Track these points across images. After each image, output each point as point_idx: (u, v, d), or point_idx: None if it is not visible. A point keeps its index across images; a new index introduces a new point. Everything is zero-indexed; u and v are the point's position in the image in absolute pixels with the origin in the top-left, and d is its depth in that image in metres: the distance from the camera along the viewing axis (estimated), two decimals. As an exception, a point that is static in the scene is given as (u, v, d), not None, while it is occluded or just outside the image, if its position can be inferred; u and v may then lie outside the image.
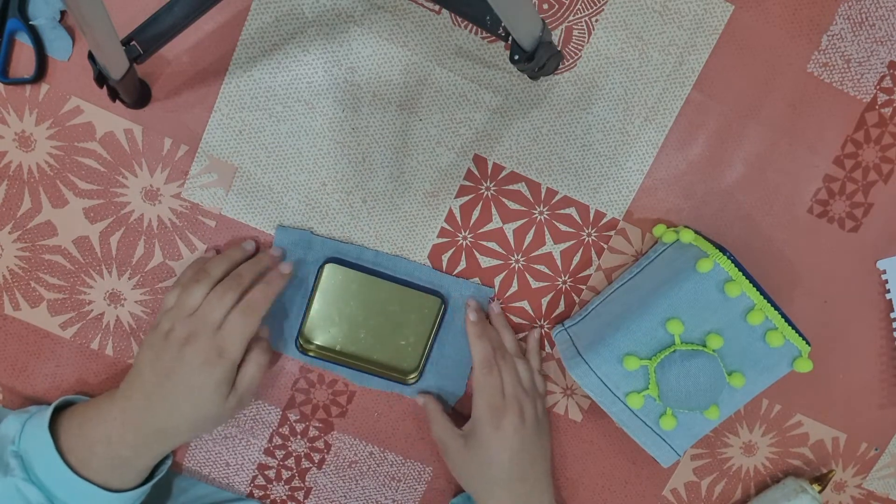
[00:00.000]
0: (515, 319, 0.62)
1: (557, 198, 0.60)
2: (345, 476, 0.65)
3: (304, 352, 0.60)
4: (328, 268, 0.59)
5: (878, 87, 0.59)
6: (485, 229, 0.61)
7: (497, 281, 0.62)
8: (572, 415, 0.65)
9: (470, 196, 0.60)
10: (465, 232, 0.61)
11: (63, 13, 0.55)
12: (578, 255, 0.61)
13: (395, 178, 0.59)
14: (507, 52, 0.55)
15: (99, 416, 0.53)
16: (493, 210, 0.60)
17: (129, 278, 0.60)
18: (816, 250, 0.62)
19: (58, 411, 0.55)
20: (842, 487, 0.68)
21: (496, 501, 0.56)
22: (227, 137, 0.58)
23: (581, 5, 0.57)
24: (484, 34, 0.57)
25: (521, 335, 0.63)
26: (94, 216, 0.59)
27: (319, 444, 0.64)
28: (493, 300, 0.62)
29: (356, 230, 0.60)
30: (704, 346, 0.55)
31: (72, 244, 0.60)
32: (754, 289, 0.54)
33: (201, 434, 0.62)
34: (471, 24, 0.56)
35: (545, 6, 0.57)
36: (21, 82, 0.56)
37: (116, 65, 0.47)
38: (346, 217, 0.60)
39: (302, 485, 0.65)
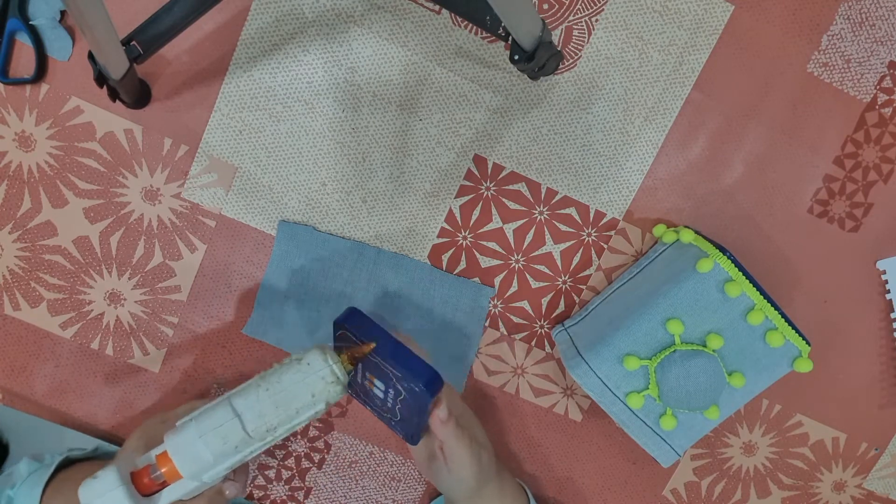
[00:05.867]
0: (515, 319, 0.62)
1: (557, 198, 0.60)
2: (345, 476, 0.65)
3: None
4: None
5: (878, 87, 0.59)
6: (485, 229, 0.61)
7: (497, 281, 0.61)
8: (572, 415, 0.65)
9: (470, 196, 0.60)
10: (465, 232, 0.61)
11: (63, 13, 0.55)
12: (578, 255, 0.61)
13: (395, 178, 0.59)
14: (507, 52, 0.55)
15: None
16: (493, 210, 0.60)
17: (129, 278, 0.60)
18: (816, 250, 0.62)
19: (67, 465, 0.57)
20: (842, 487, 0.68)
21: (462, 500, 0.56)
22: (227, 137, 0.58)
23: (581, 5, 0.57)
24: (484, 34, 0.57)
25: (521, 335, 0.63)
26: (94, 216, 0.59)
27: (319, 444, 0.64)
28: (493, 300, 0.62)
29: (356, 230, 0.60)
30: (704, 346, 0.55)
31: (72, 244, 0.60)
32: (754, 289, 0.54)
33: None
34: (471, 24, 0.56)
35: (545, 6, 0.57)
36: (21, 82, 0.56)
37: (116, 65, 0.47)
38: (346, 217, 0.60)
39: (302, 485, 0.65)
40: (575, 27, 0.57)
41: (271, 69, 0.57)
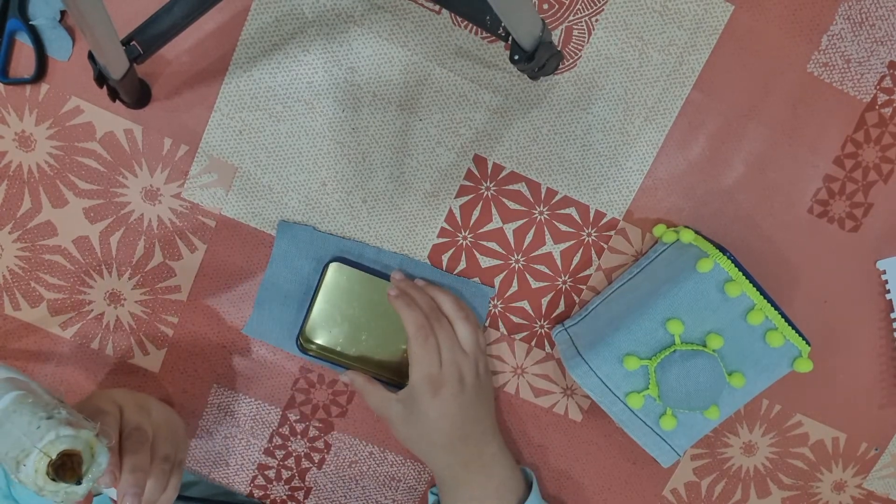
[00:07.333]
0: (515, 319, 0.62)
1: (557, 198, 0.60)
2: (345, 476, 0.65)
3: (304, 351, 0.60)
4: (333, 267, 0.59)
5: (878, 87, 0.59)
6: (485, 229, 0.61)
7: (497, 281, 0.62)
8: (572, 415, 0.65)
9: (470, 196, 0.60)
10: (465, 232, 0.61)
11: (63, 13, 0.55)
12: (578, 255, 0.61)
13: (395, 178, 0.59)
14: (507, 52, 0.55)
15: None
16: (493, 210, 0.60)
17: (129, 278, 0.60)
18: (816, 250, 0.62)
19: None
20: (842, 487, 0.68)
21: (442, 464, 0.57)
22: (227, 137, 0.58)
23: (581, 5, 0.57)
24: (484, 34, 0.57)
25: (521, 335, 0.63)
26: (94, 216, 0.59)
27: (319, 444, 0.64)
28: (493, 300, 0.62)
29: (356, 230, 0.60)
30: (704, 346, 0.55)
31: (72, 244, 0.60)
32: (754, 289, 0.54)
33: None
34: (471, 24, 0.56)
35: (545, 6, 0.57)
36: (21, 82, 0.56)
37: (116, 65, 0.47)
38: (346, 217, 0.60)
39: (302, 485, 0.65)
40: (575, 27, 0.57)
41: (271, 69, 0.57)
